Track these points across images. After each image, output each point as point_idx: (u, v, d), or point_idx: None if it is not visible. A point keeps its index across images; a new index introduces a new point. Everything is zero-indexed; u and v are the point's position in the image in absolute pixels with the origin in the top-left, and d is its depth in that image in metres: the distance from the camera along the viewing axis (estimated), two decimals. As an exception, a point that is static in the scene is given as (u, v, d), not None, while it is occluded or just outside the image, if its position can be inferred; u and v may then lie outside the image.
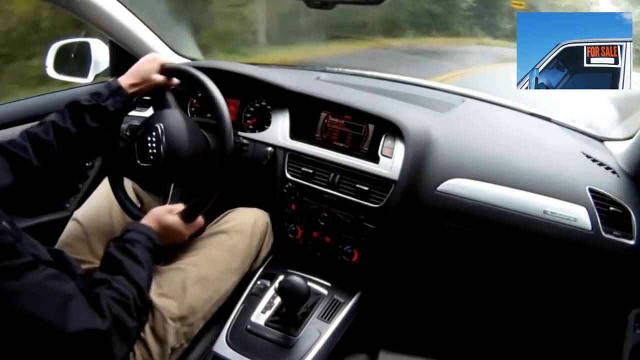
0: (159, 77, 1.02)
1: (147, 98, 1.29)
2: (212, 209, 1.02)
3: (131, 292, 0.76)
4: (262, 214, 1.15)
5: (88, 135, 0.93)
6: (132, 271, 0.79)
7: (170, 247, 1.05)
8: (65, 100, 1.39)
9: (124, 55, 1.41)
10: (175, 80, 1.07)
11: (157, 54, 1.07)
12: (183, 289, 0.95)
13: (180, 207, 0.97)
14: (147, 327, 0.89)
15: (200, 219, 1.00)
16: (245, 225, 1.09)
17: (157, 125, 1.00)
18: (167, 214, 0.95)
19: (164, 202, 1.03)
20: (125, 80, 0.98)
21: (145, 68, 1.01)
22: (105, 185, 1.15)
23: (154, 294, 0.92)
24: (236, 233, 1.07)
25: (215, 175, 0.97)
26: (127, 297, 0.74)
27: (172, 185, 1.04)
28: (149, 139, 0.99)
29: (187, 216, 0.96)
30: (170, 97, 1.06)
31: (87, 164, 1.40)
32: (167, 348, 0.90)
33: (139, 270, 0.81)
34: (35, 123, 0.93)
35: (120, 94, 0.96)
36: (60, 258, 0.84)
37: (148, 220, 0.93)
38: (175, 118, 1.02)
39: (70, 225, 1.08)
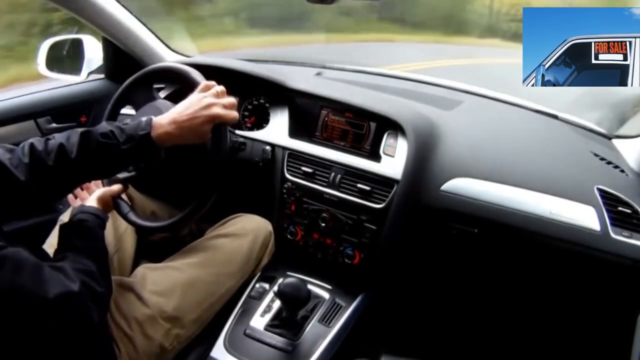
0: (207, 130, 0.84)
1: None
2: (212, 211, 1.00)
3: (90, 263, 0.76)
4: (265, 222, 1.13)
5: (94, 173, 0.83)
6: (86, 246, 0.79)
7: (169, 247, 1.03)
8: (60, 98, 1.39)
9: (117, 52, 1.38)
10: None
11: (219, 113, 0.83)
12: (176, 289, 0.93)
13: (117, 190, 0.97)
14: (134, 324, 0.88)
15: (109, 202, 0.96)
16: (246, 231, 1.07)
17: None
18: (109, 196, 0.95)
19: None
20: (164, 126, 0.80)
21: (196, 127, 0.82)
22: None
23: (146, 291, 0.91)
24: (237, 238, 1.05)
25: (210, 181, 0.94)
26: (88, 266, 0.75)
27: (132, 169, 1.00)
28: None
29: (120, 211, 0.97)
30: (156, 93, 1.04)
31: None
32: (154, 346, 0.89)
33: (92, 244, 0.81)
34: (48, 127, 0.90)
35: (148, 143, 0.79)
36: (42, 258, 0.81)
37: (93, 200, 0.92)
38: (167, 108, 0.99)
39: (57, 227, 1.05)
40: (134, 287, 0.92)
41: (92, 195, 0.94)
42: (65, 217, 1.08)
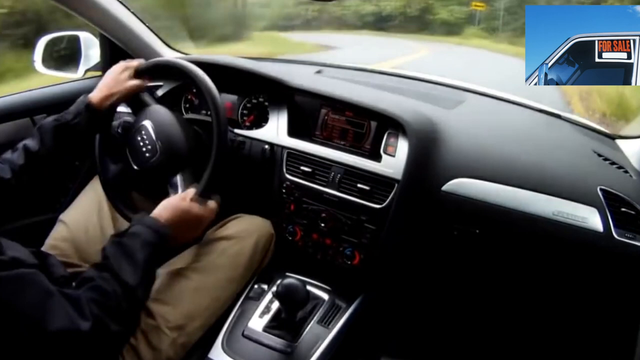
0: (132, 82, 0.98)
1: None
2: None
3: (116, 292, 0.69)
4: (266, 223, 1.11)
5: (61, 155, 0.92)
6: (121, 268, 0.71)
7: (172, 250, 1.00)
8: (56, 95, 1.37)
9: (115, 49, 1.36)
10: (147, 82, 1.03)
11: (127, 61, 1.03)
12: (181, 296, 0.91)
13: (192, 191, 0.88)
14: (139, 334, 0.85)
15: (214, 204, 0.91)
16: (248, 233, 1.05)
17: (143, 124, 0.97)
18: (181, 201, 0.85)
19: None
20: (96, 94, 0.96)
21: (115, 78, 0.98)
22: (92, 186, 1.11)
23: (149, 300, 0.88)
24: (239, 240, 1.03)
25: (215, 154, 0.91)
26: (110, 297, 0.68)
27: (179, 176, 0.97)
28: (139, 139, 0.96)
29: (202, 192, 0.89)
30: (147, 97, 1.03)
31: (76, 163, 1.35)
32: (161, 357, 0.86)
33: (129, 267, 0.72)
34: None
35: (90, 110, 0.93)
36: (45, 260, 0.80)
37: (160, 210, 0.83)
38: (159, 112, 0.99)
39: (57, 227, 1.05)
40: None
41: (162, 204, 0.84)
42: (64, 217, 1.06)
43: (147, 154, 0.95)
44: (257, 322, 0.99)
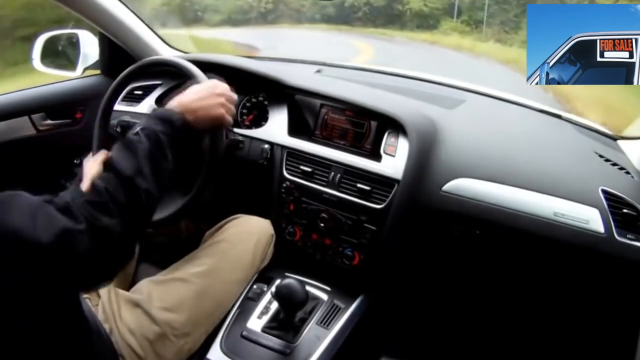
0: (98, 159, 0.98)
1: (139, 92, 1.24)
2: (209, 212, 0.97)
3: (111, 186, 0.66)
4: (266, 224, 1.10)
5: None
6: (120, 161, 0.69)
7: (168, 250, 0.99)
8: (54, 94, 1.36)
9: (113, 47, 1.36)
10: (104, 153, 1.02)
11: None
12: (187, 303, 0.91)
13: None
14: (145, 343, 0.85)
15: (225, 86, 0.88)
16: (249, 235, 1.04)
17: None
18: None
19: None
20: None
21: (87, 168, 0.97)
22: None
23: (154, 308, 0.88)
24: (240, 242, 1.02)
25: (205, 173, 0.91)
26: (102, 194, 0.65)
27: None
28: None
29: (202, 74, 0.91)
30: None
31: (75, 162, 1.35)
32: None
33: (127, 158, 0.70)
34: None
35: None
36: None
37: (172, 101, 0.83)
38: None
39: None
40: (140, 304, 0.88)
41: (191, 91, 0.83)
42: None
43: None
44: (255, 323, 0.98)
